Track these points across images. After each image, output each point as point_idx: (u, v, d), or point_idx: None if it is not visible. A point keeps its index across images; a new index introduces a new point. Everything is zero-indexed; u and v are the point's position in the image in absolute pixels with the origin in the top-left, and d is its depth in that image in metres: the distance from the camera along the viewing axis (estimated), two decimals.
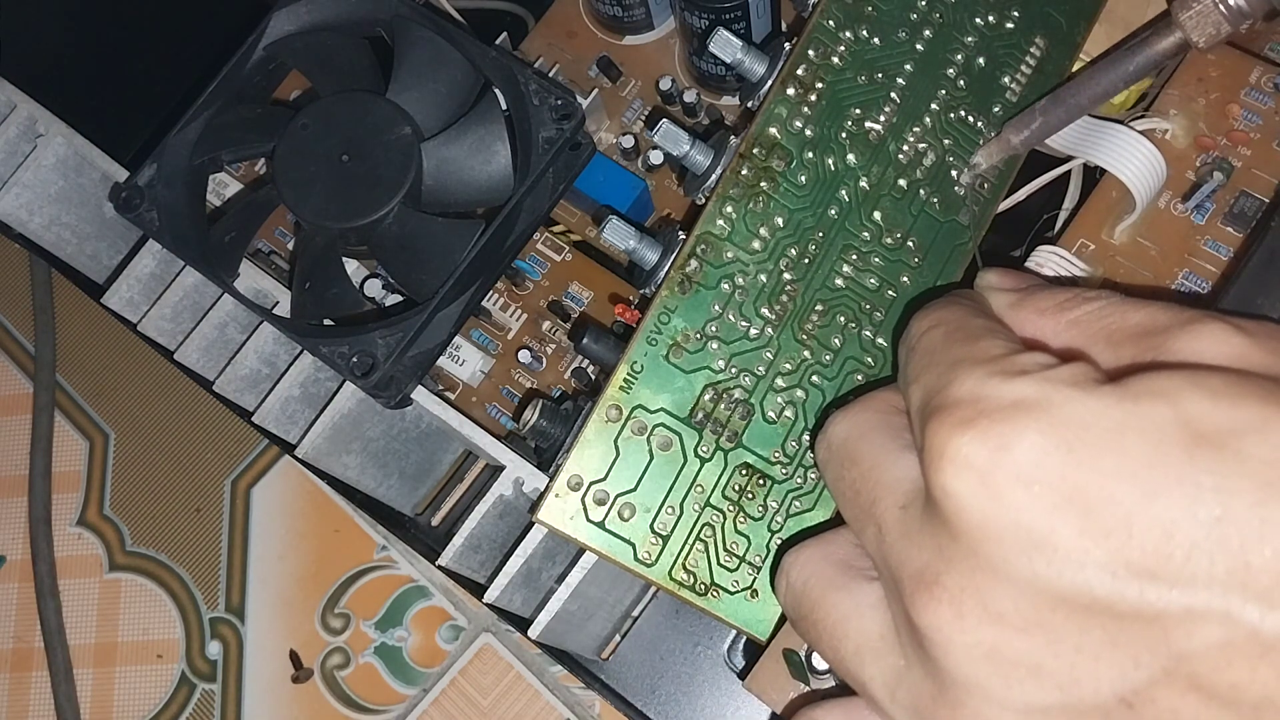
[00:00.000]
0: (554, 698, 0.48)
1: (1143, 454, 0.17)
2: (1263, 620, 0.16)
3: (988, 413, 0.18)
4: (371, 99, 0.32)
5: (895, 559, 0.20)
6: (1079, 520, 0.17)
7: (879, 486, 0.21)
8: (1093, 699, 0.18)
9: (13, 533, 0.54)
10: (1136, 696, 0.17)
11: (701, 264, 0.27)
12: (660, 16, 0.37)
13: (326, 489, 0.49)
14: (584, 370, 0.33)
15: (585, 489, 0.26)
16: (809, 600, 0.23)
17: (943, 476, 0.18)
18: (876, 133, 0.28)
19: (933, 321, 0.23)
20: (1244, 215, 0.29)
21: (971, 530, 0.18)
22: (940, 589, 0.19)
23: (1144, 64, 0.26)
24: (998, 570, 0.18)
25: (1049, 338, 0.22)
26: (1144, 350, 0.20)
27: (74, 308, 0.56)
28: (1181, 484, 0.17)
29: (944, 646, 0.19)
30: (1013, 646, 0.18)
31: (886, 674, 0.20)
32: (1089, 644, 0.17)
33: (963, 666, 0.18)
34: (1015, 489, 0.18)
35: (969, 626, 0.18)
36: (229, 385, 0.33)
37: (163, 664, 0.51)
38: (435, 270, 0.30)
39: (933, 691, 0.19)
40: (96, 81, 0.46)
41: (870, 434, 0.23)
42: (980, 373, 0.19)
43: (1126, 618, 0.17)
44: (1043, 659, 0.18)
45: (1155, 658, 0.17)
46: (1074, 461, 0.17)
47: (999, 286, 0.24)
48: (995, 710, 0.18)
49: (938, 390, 0.20)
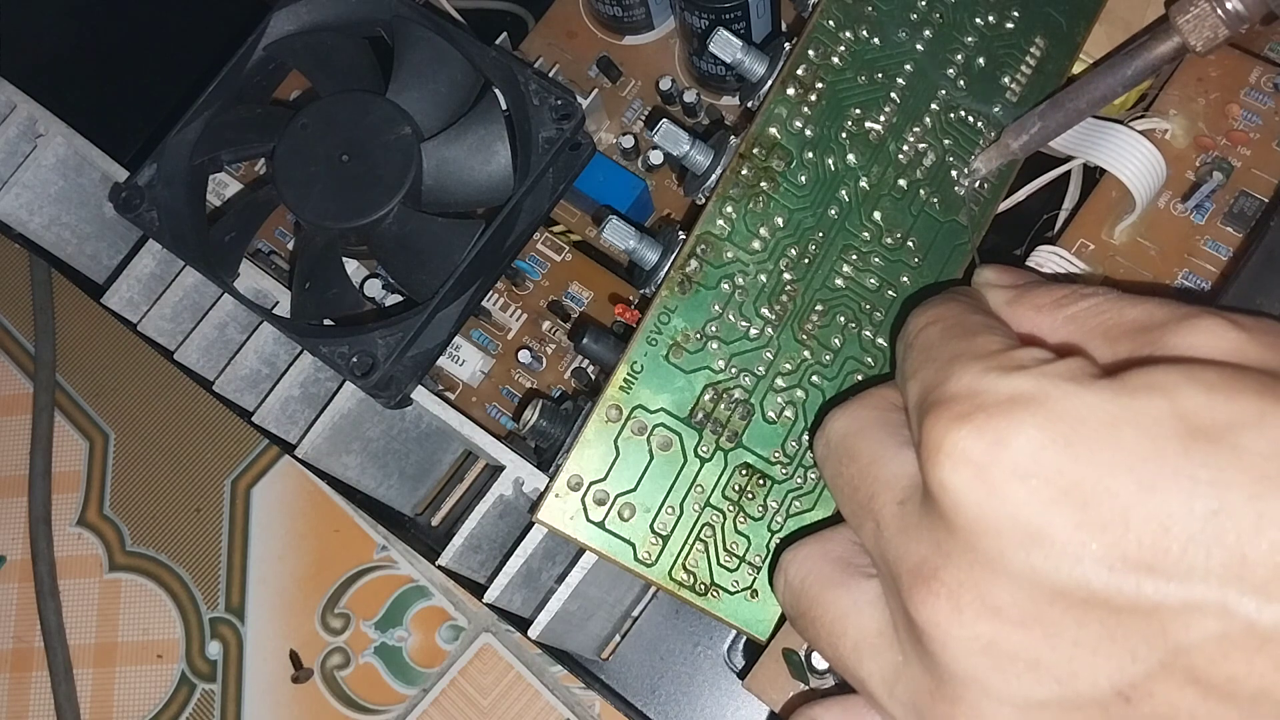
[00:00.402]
0: (554, 698, 0.48)
1: (1139, 448, 0.17)
2: (1259, 612, 0.16)
3: (985, 407, 0.18)
4: (371, 99, 0.32)
5: (893, 554, 0.20)
6: (1076, 514, 0.17)
7: (877, 482, 0.21)
8: (1090, 693, 0.18)
9: (13, 533, 0.54)
10: (1134, 690, 0.17)
11: (701, 264, 0.27)
12: (660, 16, 0.37)
13: (326, 489, 0.49)
14: (584, 370, 0.33)
15: (585, 489, 0.26)
16: (807, 598, 0.23)
17: (940, 471, 0.18)
18: (876, 133, 0.28)
19: (930, 318, 0.23)
20: (1243, 215, 0.29)
21: (969, 524, 0.18)
22: (938, 583, 0.19)
23: (1142, 68, 0.26)
24: (995, 564, 0.18)
25: (1046, 334, 0.22)
26: (1140, 346, 0.20)
27: (74, 308, 0.56)
28: (1178, 477, 0.17)
29: (942, 641, 0.19)
30: (1010, 640, 0.18)
31: (885, 670, 0.20)
32: (1086, 638, 0.18)
33: (960, 661, 0.19)
34: (1012, 483, 0.18)
35: (967, 620, 0.18)
36: (229, 385, 0.33)
37: (163, 664, 0.51)
38: (435, 270, 0.30)
39: (930, 686, 0.19)
40: (96, 81, 0.46)
41: (868, 430, 0.23)
42: (977, 368, 0.19)
43: (1124, 611, 0.17)
44: (1040, 653, 0.18)
45: (1152, 651, 0.17)
46: (1070, 455, 0.17)
47: (996, 283, 0.24)
48: (993, 704, 0.18)
49: (935, 385, 0.20)
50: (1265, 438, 0.17)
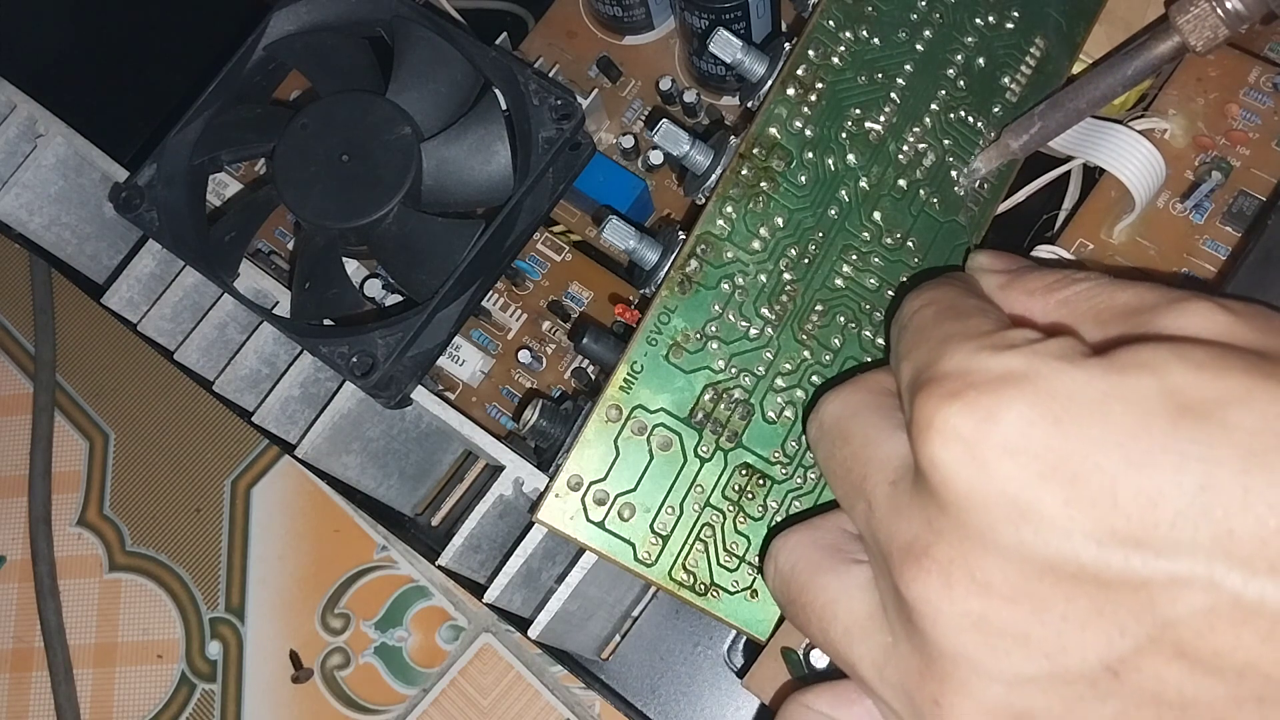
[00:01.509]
0: (554, 698, 0.48)
1: (1128, 424, 0.17)
2: (1245, 586, 0.16)
3: (975, 385, 0.19)
4: (371, 99, 0.32)
5: (884, 533, 0.20)
6: (1065, 489, 0.17)
7: (869, 463, 0.21)
8: (1079, 668, 0.18)
9: (13, 533, 0.54)
10: (1122, 664, 0.18)
11: (701, 264, 0.27)
12: (660, 16, 0.37)
13: (326, 489, 0.49)
14: (584, 370, 0.33)
15: (585, 489, 0.26)
16: (797, 584, 0.23)
17: (930, 447, 0.19)
18: (876, 133, 0.28)
19: (924, 300, 0.23)
20: (1242, 215, 0.29)
21: (959, 501, 0.18)
22: (929, 560, 0.19)
23: (1142, 68, 0.26)
24: (985, 540, 0.18)
25: (1038, 317, 0.22)
26: (1131, 329, 0.20)
27: (74, 308, 0.56)
28: (1166, 453, 0.17)
29: (932, 618, 0.19)
30: (1000, 616, 0.18)
31: (875, 652, 0.21)
32: (1075, 612, 0.18)
33: (950, 637, 0.19)
34: (1002, 459, 0.18)
35: (957, 596, 0.18)
36: (229, 385, 0.33)
37: (163, 664, 0.51)
38: (435, 270, 0.30)
39: (920, 666, 0.19)
40: (96, 81, 0.46)
41: (861, 412, 0.23)
42: (969, 347, 0.20)
43: (1112, 586, 0.17)
44: (1030, 628, 0.18)
45: (1140, 625, 0.17)
46: (1060, 432, 0.18)
47: (989, 268, 0.24)
48: (983, 681, 0.19)
49: (927, 365, 0.20)
50: (1253, 414, 0.17)
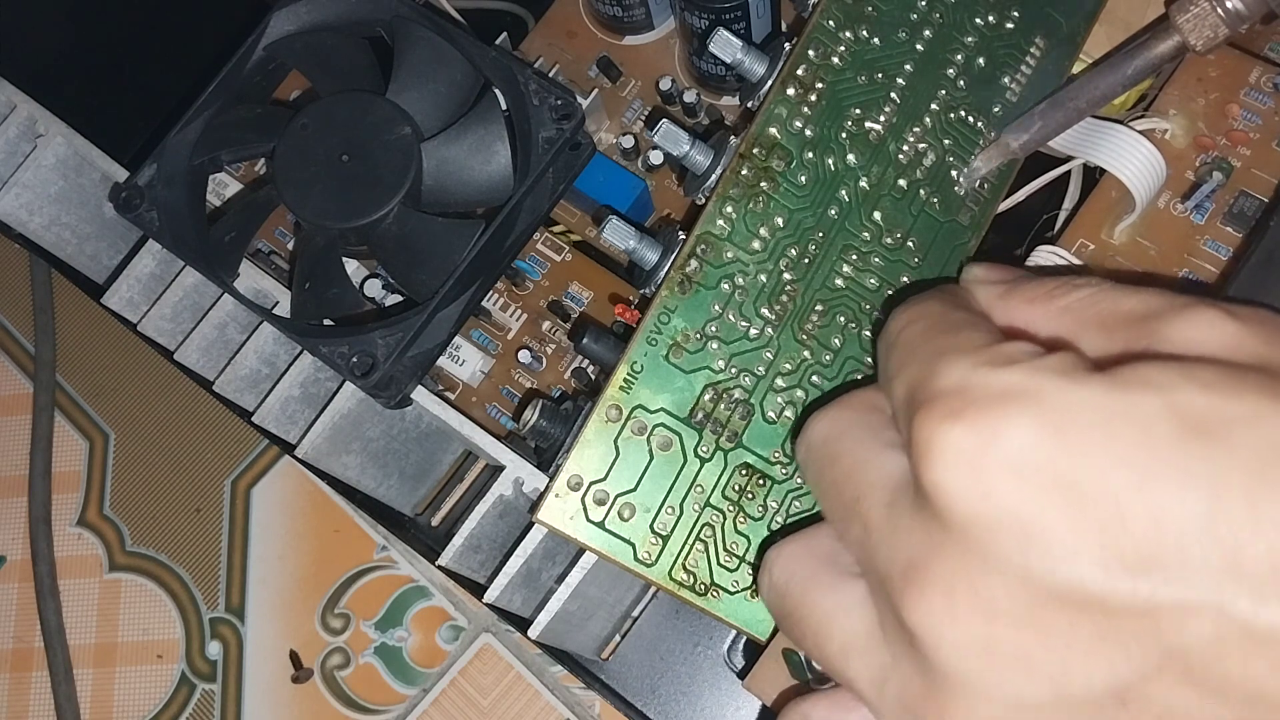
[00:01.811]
0: (554, 698, 0.48)
1: (1134, 444, 0.17)
2: (1255, 613, 0.16)
3: (976, 403, 0.18)
4: (371, 99, 0.32)
5: (883, 555, 0.20)
6: (1071, 512, 0.17)
7: (862, 484, 0.21)
8: (1084, 693, 0.18)
9: (13, 533, 0.54)
10: (1129, 691, 0.17)
11: (701, 264, 0.27)
12: (660, 16, 0.37)
13: (326, 489, 0.49)
14: (584, 370, 0.33)
15: (585, 489, 0.26)
16: (792, 599, 0.22)
17: (933, 469, 0.18)
18: (876, 133, 0.28)
19: (912, 316, 0.22)
20: (1243, 215, 0.29)
21: (963, 522, 0.18)
22: (932, 582, 0.18)
23: (1142, 67, 0.26)
24: (990, 562, 0.18)
25: (1039, 327, 0.22)
26: (1137, 336, 0.20)
27: (74, 308, 0.56)
28: (1173, 474, 0.17)
29: (935, 641, 0.18)
30: (1004, 640, 0.18)
31: (873, 671, 0.20)
32: (1081, 638, 0.17)
33: (953, 660, 0.18)
34: (1007, 480, 0.17)
35: (960, 619, 0.18)
36: (229, 385, 0.33)
37: (163, 664, 0.51)
38: (435, 270, 0.30)
39: (922, 687, 0.19)
40: (96, 81, 0.46)
41: (850, 432, 0.22)
42: (966, 363, 0.19)
43: (1119, 612, 0.17)
44: (1035, 652, 0.18)
45: (1147, 652, 0.17)
46: (1066, 451, 0.17)
47: (985, 279, 0.24)
48: (986, 705, 0.18)
49: (922, 383, 0.19)
50: (1262, 435, 0.17)
